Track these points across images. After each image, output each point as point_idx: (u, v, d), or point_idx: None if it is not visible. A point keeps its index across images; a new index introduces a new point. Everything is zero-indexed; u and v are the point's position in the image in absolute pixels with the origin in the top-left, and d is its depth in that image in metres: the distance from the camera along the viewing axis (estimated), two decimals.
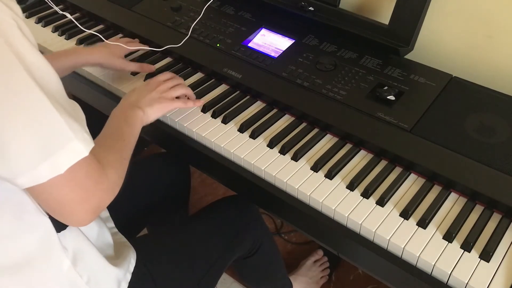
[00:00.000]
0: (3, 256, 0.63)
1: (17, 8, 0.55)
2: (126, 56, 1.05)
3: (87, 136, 0.59)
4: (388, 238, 0.71)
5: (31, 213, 0.64)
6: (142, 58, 1.09)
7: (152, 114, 0.84)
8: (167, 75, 0.94)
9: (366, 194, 0.78)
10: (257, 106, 0.96)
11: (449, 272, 0.67)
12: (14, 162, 0.53)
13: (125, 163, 0.72)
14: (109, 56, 0.99)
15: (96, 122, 0.75)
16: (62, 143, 0.55)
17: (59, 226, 0.67)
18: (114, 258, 0.79)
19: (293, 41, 1.05)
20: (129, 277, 0.79)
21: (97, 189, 0.62)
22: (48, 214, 0.65)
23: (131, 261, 0.81)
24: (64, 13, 0.92)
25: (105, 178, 0.64)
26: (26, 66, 0.53)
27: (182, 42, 1.05)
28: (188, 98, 0.93)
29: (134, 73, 1.05)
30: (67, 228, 0.68)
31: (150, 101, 0.84)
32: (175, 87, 0.90)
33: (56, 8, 0.91)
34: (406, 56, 0.97)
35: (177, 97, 0.90)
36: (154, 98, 0.85)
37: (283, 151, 0.85)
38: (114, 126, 0.78)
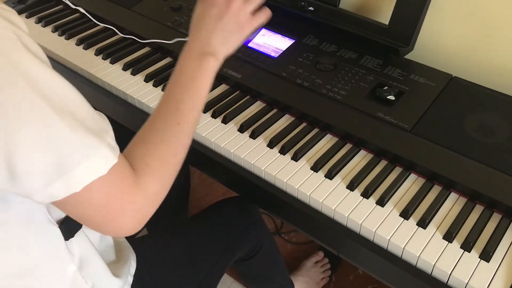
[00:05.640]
0: (9, 264, 0.62)
1: (20, 22, 0.52)
2: None
3: (107, 151, 0.54)
4: (388, 238, 0.71)
5: (40, 222, 0.62)
6: (142, 58, 1.09)
7: (226, 51, 0.66)
8: None
9: (366, 194, 0.77)
10: (257, 106, 0.96)
11: (449, 272, 0.67)
12: (26, 180, 0.51)
13: (175, 160, 0.63)
14: None
15: None
16: (76, 161, 0.51)
17: (68, 234, 0.66)
18: (116, 262, 0.79)
19: (293, 41, 1.05)
20: (130, 279, 0.79)
21: (124, 209, 0.56)
22: (57, 223, 0.64)
23: (132, 263, 0.81)
24: (77, 7, 0.91)
25: (139, 194, 0.58)
26: (30, 81, 0.49)
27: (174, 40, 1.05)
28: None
29: (133, 73, 1.04)
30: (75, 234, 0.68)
31: (224, 34, 0.66)
32: None
33: (68, 2, 0.90)
34: (406, 56, 0.97)
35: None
36: (229, 24, 0.66)
37: (283, 151, 0.85)
38: (173, 97, 0.64)
